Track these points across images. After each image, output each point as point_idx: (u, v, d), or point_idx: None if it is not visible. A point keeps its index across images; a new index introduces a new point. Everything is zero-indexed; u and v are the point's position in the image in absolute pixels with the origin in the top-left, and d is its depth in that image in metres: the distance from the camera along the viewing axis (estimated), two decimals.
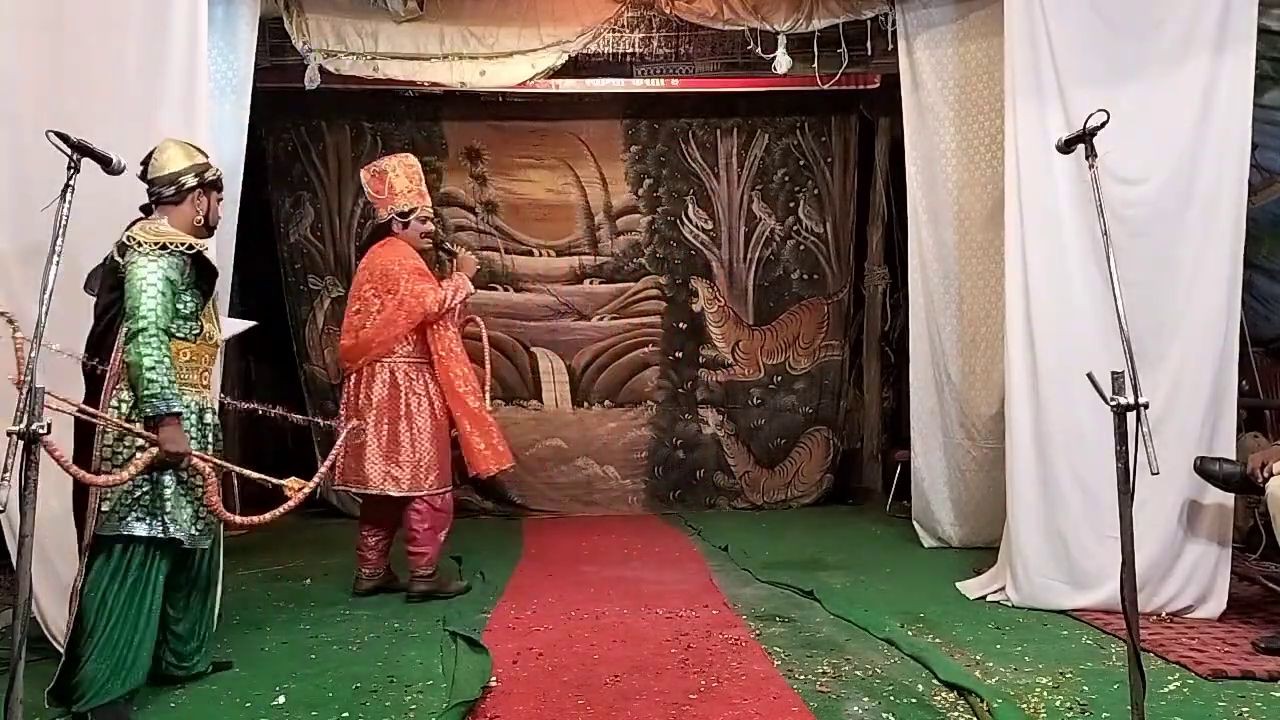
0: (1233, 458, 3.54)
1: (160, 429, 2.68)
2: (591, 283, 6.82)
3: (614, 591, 4.22)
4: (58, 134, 2.17)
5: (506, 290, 6.78)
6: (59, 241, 2.08)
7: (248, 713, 2.77)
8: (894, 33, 5.10)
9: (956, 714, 2.65)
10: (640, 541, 5.51)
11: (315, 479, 3.05)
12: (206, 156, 3.09)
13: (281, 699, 2.86)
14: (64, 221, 2.10)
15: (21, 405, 1.94)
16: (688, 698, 2.79)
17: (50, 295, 2.05)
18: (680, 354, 6.84)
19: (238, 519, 2.89)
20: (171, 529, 2.76)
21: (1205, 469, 3.47)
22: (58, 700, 2.74)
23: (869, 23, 5.22)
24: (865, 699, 2.76)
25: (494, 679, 2.97)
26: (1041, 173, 3.81)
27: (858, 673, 3.02)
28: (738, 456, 6.85)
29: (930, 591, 4.15)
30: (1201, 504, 3.60)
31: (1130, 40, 3.70)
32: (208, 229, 3.05)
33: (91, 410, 2.69)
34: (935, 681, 2.90)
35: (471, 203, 6.75)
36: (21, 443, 1.94)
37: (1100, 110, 2.39)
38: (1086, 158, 2.43)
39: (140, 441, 2.70)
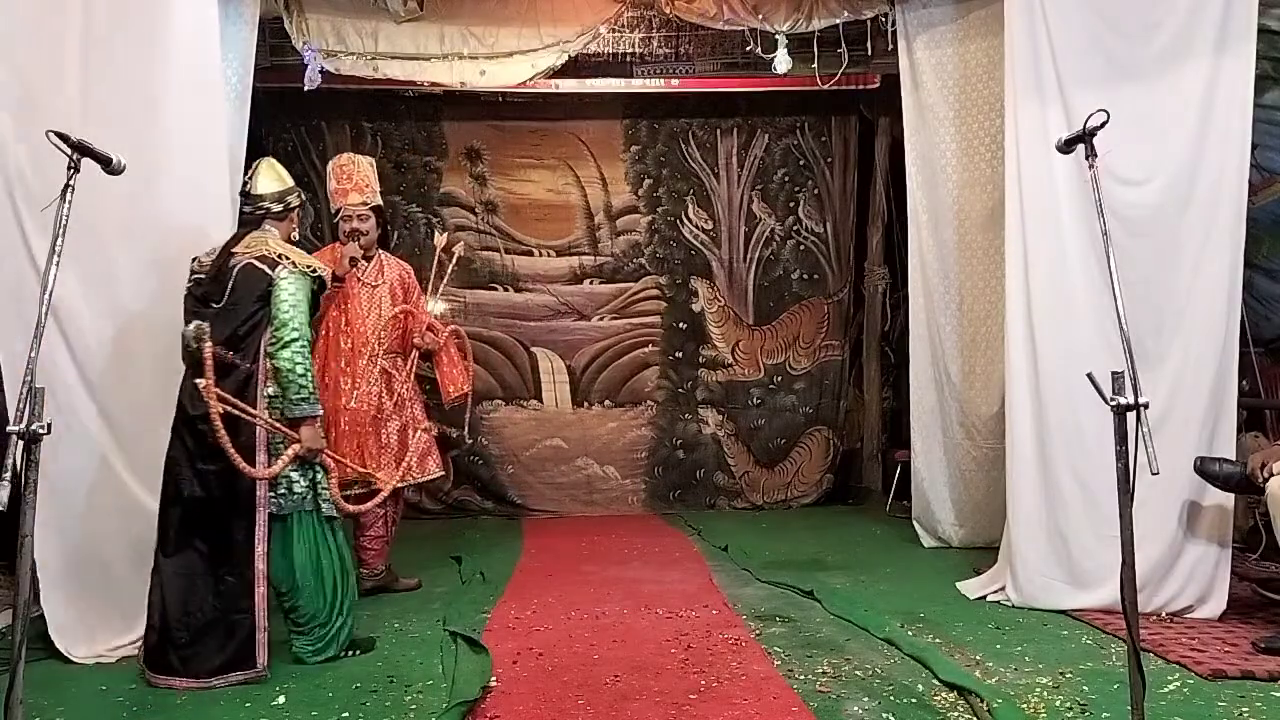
0: (1233, 458, 3.54)
1: (303, 428, 3.10)
2: (591, 283, 6.81)
3: (614, 591, 4.22)
4: (58, 134, 2.17)
5: (506, 290, 6.78)
6: (59, 241, 2.08)
7: (248, 713, 2.77)
8: (894, 33, 5.09)
9: (956, 714, 2.65)
10: (640, 541, 5.51)
11: (399, 475, 3.59)
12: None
13: (281, 699, 2.86)
14: (64, 221, 2.10)
15: (21, 405, 1.94)
16: (688, 698, 2.79)
17: (50, 295, 2.04)
18: (680, 354, 6.84)
19: (349, 507, 3.37)
20: (325, 508, 3.23)
21: (1205, 469, 3.47)
22: (214, 671, 3.00)
23: (869, 23, 5.21)
24: (865, 699, 2.77)
25: (494, 679, 2.97)
26: (1041, 173, 3.81)
27: (858, 673, 3.02)
28: (738, 456, 6.85)
29: (930, 591, 4.15)
30: (1201, 504, 3.60)
31: (1130, 40, 3.70)
32: (291, 244, 3.38)
33: (249, 409, 3.03)
34: (935, 681, 2.90)
35: (471, 203, 6.75)
36: (21, 443, 1.93)
37: (1100, 110, 2.38)
38: (1086, 158, 2.43)
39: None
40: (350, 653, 3.30)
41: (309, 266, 3.21)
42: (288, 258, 3.18)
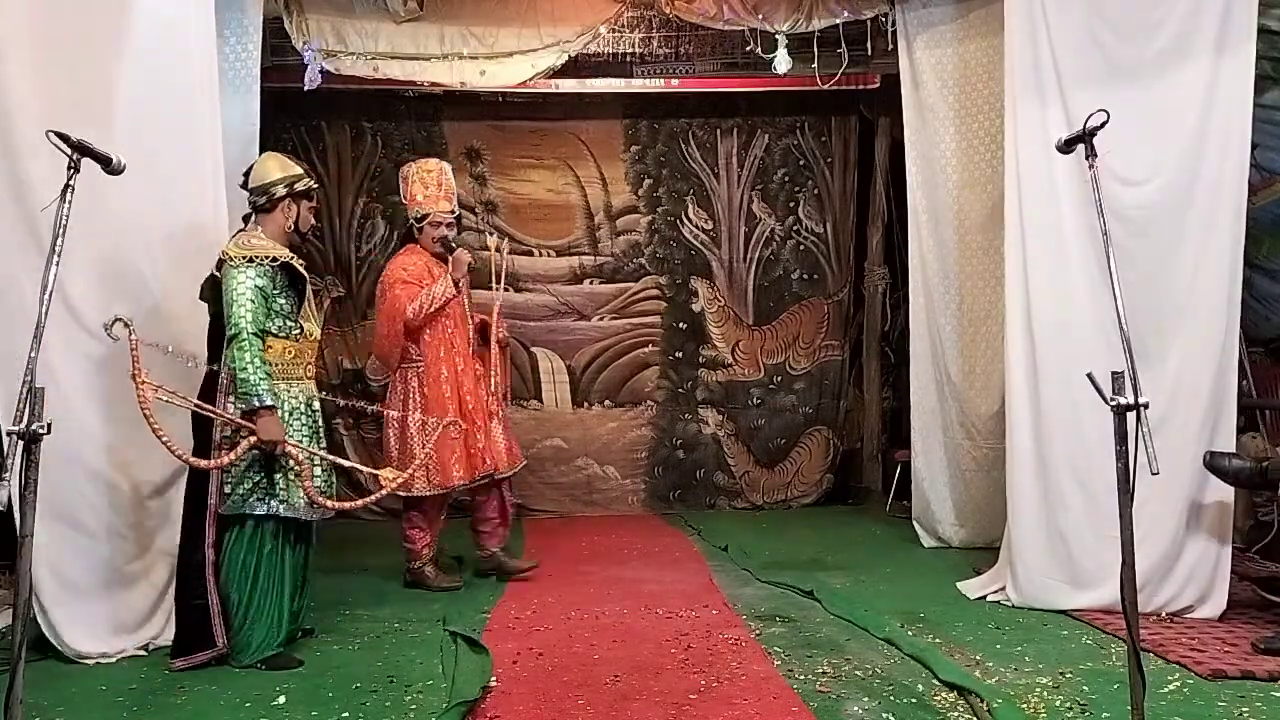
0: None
1: (256, 419, 3.10)
2: (591, 283, 6.81)
3: (614, 591, 4.22)
4: (57, 134, 2.17)
5: (507, 290, 6.76)
6: (59, 241, 2.08)
7: (248, 713, 2.77)
8: (894, 33, 5.10)
9: (956, 714, 2.65)
10: (640, 541, 5.51)
11: (409, 472, 3.51)
12: (302, 169, 3.45)
13: (282, 699, 2.86)
14: (64, 222, 2.09)
15: (21, 405, 1.94)
16: (688, 698, 2.79)
17: (50, 295, 2.04)
18: (680, 354, 6.84)
19: (330, 504, 3.28)
20: (281, 509, 3.20)
21: (1215, 464, 3.46)
22: (177, 654, 3.16)
23: (869, 23, 5.21)
24: (865, 699, 2.77)
25: (494, 679, 2.97)
26: (1041, 173, 3.81)
27: (858, 673, 3.02)
28: (738, 456, 6.85)
29: (930, 591, 4.15)
30: (1202, 504, 3.60)
31: (1130, 40, 3.70)
32: (299, 235, 3.44)
33: (203, 404, 3.13)
34: (935, 681, 2.90)
35: (471, 203, 6.74)
36: (21, 443, 1.93)
37: (1100, 110, 2.38)
38: (1086, 158, 2.42)
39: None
40: (260, 666, 3.17)
41: (251, 257, 3.20)
42: (229, 255, 3.20)
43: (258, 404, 3.10)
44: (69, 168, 2.17)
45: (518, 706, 2.75)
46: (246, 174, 3.43)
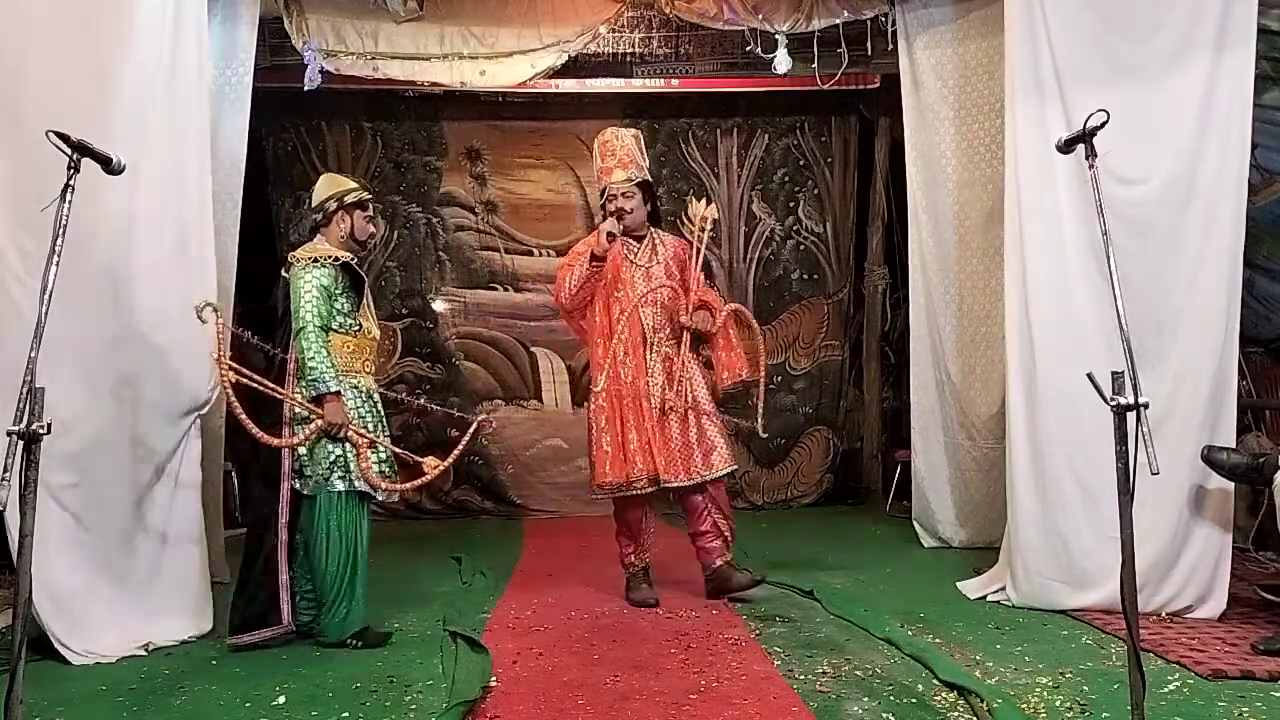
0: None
1: (325, 404, 3.33)
2: None
3: (614, 591, 4.22)
4: (57, 134, 2.17)
5: (506, 290, 6.78)
6: (59, 241, 2.08)
7: (248, 713, 2.76)
8: (894, 33, 5.09)
9: (956, 714, 2.65)
10: None
11: (449, 460, 3.62)
12: (357, 183, 3.68)
13: (282, 699, 2.86)
14: (64, 222, 2.09)
15: (21, 405, 1.94)
16: (688, 698, 2.79)
17: (50, 295, 2.04)
18: None
19: (383, 485, 3.43)
20: (359, 484, 3.40)
21: (1212, 458, 3.46)
22: (242, 630, 3.35)
23: (869, 23, 5.21)
24: (865, 699, 2.76)
25: (494, 679, 2.97)
26: (1041, 173, 3.81)
27: (858, 673, 3.02)
28: (738, 456, 6.84)
29: (930, 591, 4.14)
30: (1202, 504, 3.59)
31: (1130, 40, 3.70)
32: (357, 242, 3.64)
33: (276, 388, 3.37)
34: (935, 681, 2.89)
35: (471, 203, 6.75)
36: (21, 443, 1.93)
37: (1100, 110, 2.38)
38: (1086, 158, 2.42)
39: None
40: (354, 642, 3.36)
41: (315, 258, 3.45)
42: (296, 258, 3.48)
43: (324, 389, 3.32)
44: (69, 168, 2.17)
45: (518, 706, 2.75)
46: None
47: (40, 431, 1.95)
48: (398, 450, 3.59)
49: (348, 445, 3.40)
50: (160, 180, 3.59)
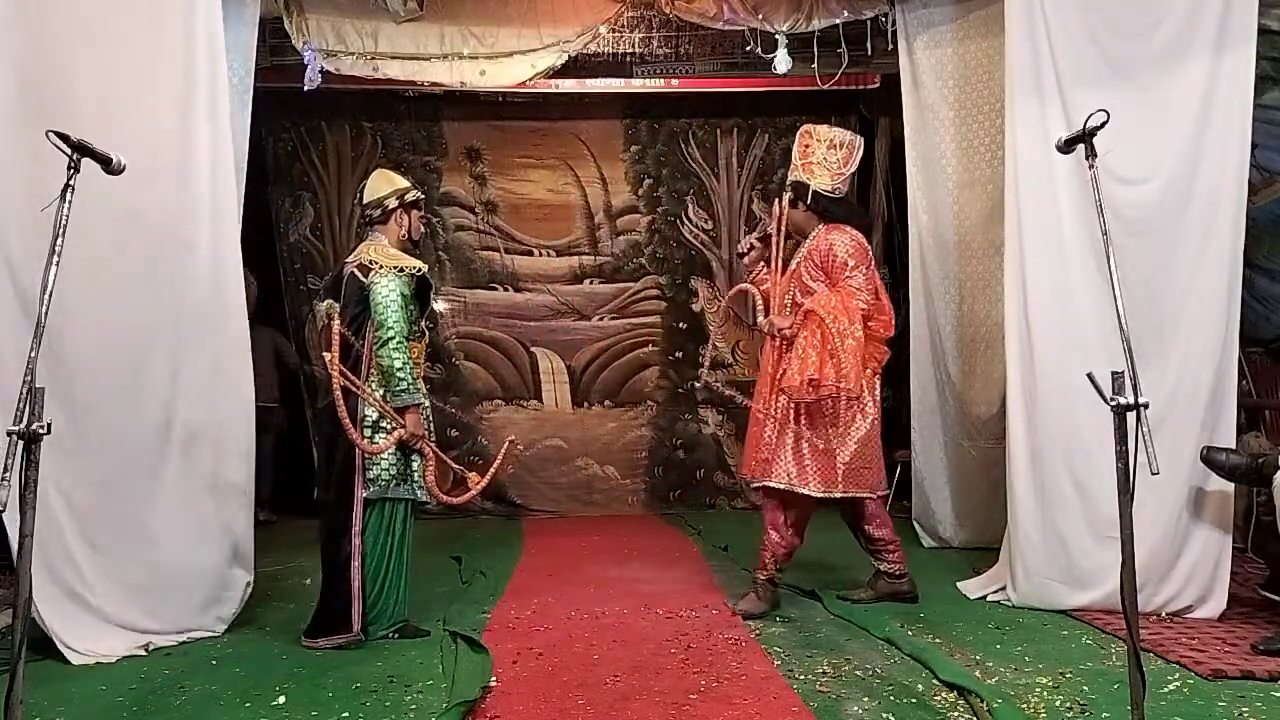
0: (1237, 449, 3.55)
1: (407, 415, 3.41)
2: (591, 283, 6.82)
3: (614, 591, 4.22)
4: (57, 134, 2.16)
5: (506, 290, 6.78)
6: (59, 242, 2.08)
7: (248, 713, 2.77)
8: (894, 33, 5.10)
9: (956, 714, 2.65)
10: (640, 541, 5.51)
11: (489, 475, 3.70)
12: (409, 182, 3.69)
13: (282, 699, 2.86)
14: (64, 222, 2.09)
15: (21, 405, 1.94)
16: (688, 698, 2.79)
17: (50, 295, 2.04)
18: (680, 354, 6.84)
19: (443, 497, 3.59)
20: (419, 493, 3.52)
21: (1211, 458, 3.46)
22: (316, 634, 3.41)
23: (869, 23, 5.21)
24: (865, 699, 2.76)
25: (494, 679, 2.97)
26: (1041, 173, 3.81)
27: (858, 673, 3.02)
28: (738, 456, 6.81)
29: (930, 591, 4.14)
30: (1202, 504, 3.60)
31: (1130, 40, 3.70)
32: (412, 242, 3.67)
33: (374, 395, 3.41)
34: (935, 681, 2.90)
35: (471, 203, 6.75)
36: (21, 443, 1.93)
37: (1100, 110, 2.38)
38: (1086, 158, 2.42)
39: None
40: (393, 635, 3.47)
41: (400, 267, 3.47)
42: (378, 263, 3.45)
43: (411, 401, 3.40)
44: (69, 168, 2.16)
45: (518, 706, 2.75)
46: (359, 191, 3.72)
47: (40, 431, 1.95)
48: (450, 462, 3.69)
49: (419, 456, 3.50)
50: (192, 181, 3.62)
